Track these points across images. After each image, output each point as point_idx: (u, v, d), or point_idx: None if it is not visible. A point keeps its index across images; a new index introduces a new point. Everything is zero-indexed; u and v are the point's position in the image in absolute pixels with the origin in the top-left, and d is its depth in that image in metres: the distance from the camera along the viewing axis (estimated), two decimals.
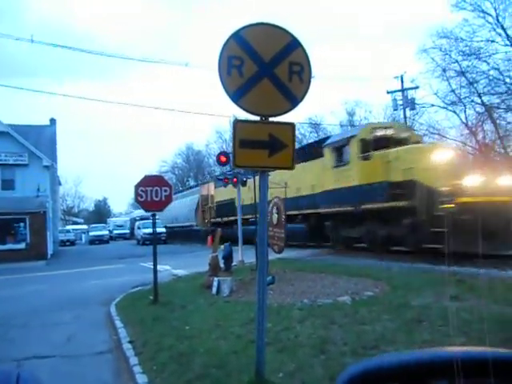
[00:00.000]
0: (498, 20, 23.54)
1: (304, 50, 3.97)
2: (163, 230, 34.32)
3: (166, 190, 8.90)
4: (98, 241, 44.57)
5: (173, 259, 18.23)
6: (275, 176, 13.93)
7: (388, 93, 29.46)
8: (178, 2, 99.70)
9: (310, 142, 31.83)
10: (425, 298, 6.83)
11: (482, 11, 23.83)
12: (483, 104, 25.03)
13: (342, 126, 42.47)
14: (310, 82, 3.99)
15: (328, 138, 18.21)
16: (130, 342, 5.89)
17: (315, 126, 43.99)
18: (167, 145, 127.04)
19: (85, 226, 57.28)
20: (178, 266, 15.58)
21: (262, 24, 3.98)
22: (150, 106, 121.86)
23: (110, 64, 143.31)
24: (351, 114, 43.51)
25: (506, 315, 5.44)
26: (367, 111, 42.11)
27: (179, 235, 36.35)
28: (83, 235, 51.53)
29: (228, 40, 3.81)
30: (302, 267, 11.66)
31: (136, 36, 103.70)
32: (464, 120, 26.84)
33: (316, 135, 45.92)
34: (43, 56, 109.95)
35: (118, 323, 7.15)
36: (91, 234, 46.99)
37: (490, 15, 23.73)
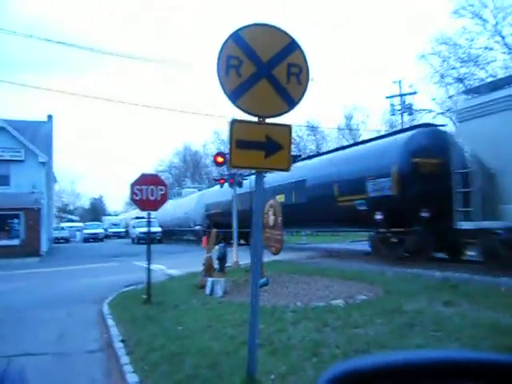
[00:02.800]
0: (496, 28, 23.67)
1: (303, 52, 3.97)
2: (158, 229, 34.23)
3: (161, 189, 8.87)
4: (93, 239, 44.40)
5: (168, 259, 18.19)
6: None
7: (386, 98, 29.59)
8: None
9: None
10: (418, 302, 6.83)
11: (481, 19, 23.97)
12: None
13: (339, 129, 42.62)
14: (307, 84, 3.99)
15: None
16: (121, 341, 5.86)
17: (313, 128, 44.05)
18: (165, 144, 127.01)
19: (80, 224, 57.06)
20: (172, 265, 15.54)
21: (262, 25, 3.97)
22: (151, 105, 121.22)
23: (104, 60, 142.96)
24: (349, 118, 43.63)
25: (498, 321, 5.45)
26: (365, 115, 42.24)
27: (178, 234, 36.55)
28: (78, 233, 51.32)
29: (227, 40, 3.80)
30: (298, 270, 11.64)
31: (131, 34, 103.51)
32: None
33: (314, 138, 46.06)
34: (31, 51, 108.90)
35: (110, 322, 7.11)
36: (86, 231, 46.81)
37: (489, 23, 23.87)
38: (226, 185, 15.52)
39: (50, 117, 34.89)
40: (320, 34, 78.90)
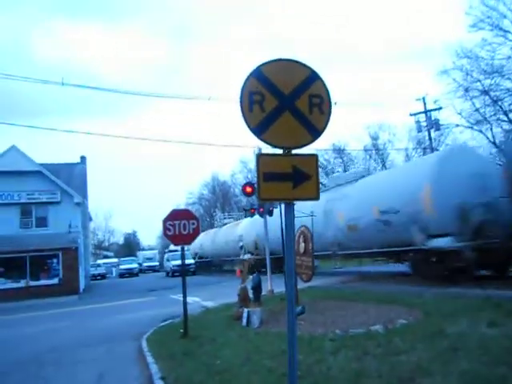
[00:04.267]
0: None
1: (323, 82, 4.05)
2: (192, 261, 34.48)
3: (193, 223, 9.01)
4: (128, 274, 45.01)
5: (202, 290, 18.24)
6: None
7: (411, 115, 29.33)
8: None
9: None
10: (460, 324, 6.61)
11: (501, 29, 23.70)
12: (510, 121, 24.57)
13: (366, 150, 42.32)
14: (330, 113, 4.05)
15: None
16: (161, 378, 5.88)
17: (339, 151, 43.94)
18: (193, 177, 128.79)
19: (115, 260, 58.06)
20: (207, 297, 15.57)
21: (281, 60, 4.09)
22: (177, 140, 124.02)
23: (123, 102, 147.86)
24: (375, 138, 43.34)
25: None
26: (391, 134, 41.88)
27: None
28: (113, 269, 52.19)
29: (248, 77, 3.92)
30: (332, 295, 11.48)
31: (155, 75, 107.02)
32: (491, 138, 26.36)
33: (341, 161, 45.89)
34: (53, 96, 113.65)
35: (150, 358, 7.15)
36: (121, 267, 47.54)
37: (510, 32, 23.55)
38: (277, 211, 15.17)
39: (83, 158, 36.23)
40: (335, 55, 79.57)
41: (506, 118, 25.00)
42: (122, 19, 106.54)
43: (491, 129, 26.17)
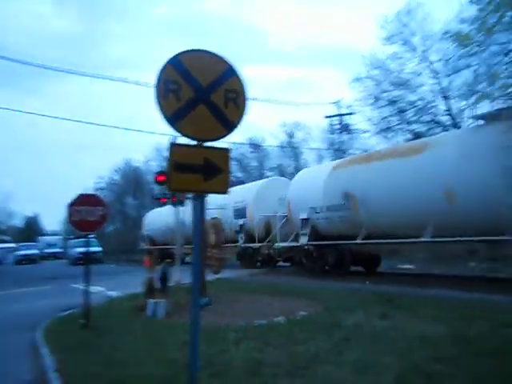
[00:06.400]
0: (424, 54, 25.33)
1: (240, 78, 4.09)
2: (98, 249, 33.03)
3: (101, 210, 8.64)
4: (26, 260, 42.00)
5: (108, 280, 17.58)
6: None
7: (326, 117, 30.68)
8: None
9: None
10: (356, 317, 7.08)
11: (411, 46, 25.55)
12: (411, 131, 26.67)
13: (281, 147, 43.44)
14: (245, 108, 4.10)
15: None
16: (55, 370, 5.59)
17: (256, 146, 44.62)
18: (104, 160, 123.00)
19: (13, 245, 53.78)
20: (113, 287, 15.04)
21: (201, 51, 4.07)
22: (91, 122, 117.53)
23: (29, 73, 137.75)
24: (291, 136, 44.62)
25: (427, 332, 5.77)
26: (306, 133, 43.36)
27: None
28: (10, 254, 48.32)
29: (166, 64, 3.85)
30: (240, 288, 11.68)
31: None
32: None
33: (256, 155, 46.67)
34: None
35: (45, 350, 6.76)
36: (19, 253, 44.22)
37: (418, 50, 25.48)
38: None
39: None
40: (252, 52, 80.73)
41: (408, 128, 27.09)
42: None
43: (396, 137, 28.24)
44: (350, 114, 29.73)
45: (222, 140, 4.14)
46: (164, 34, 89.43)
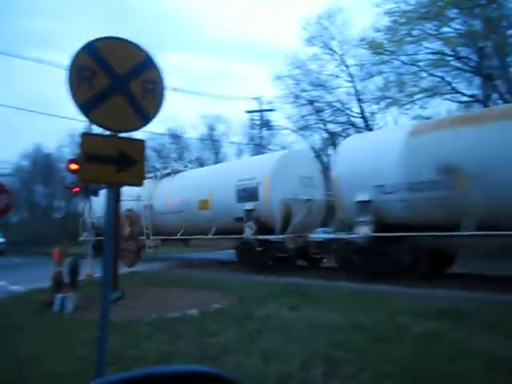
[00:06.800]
0: (342, 58, 26.61)
1: (158, 69, 4.06)
2: (1, 239, 30.64)
3: (4, 198, 8.08)
4: None
5: (12, 274, 16.42)
6: None
7: (247, 112, 31.08)
8: None
9: None
10: (268, 308, 7.34)
11: (330, 49, 26.71)
12: (327, 131, 27.94)
13: (202, 139, 43.26)
14: (163, 100, 4.08)
15: None
16: None
17: (176, 137, 44.00)
18: (11, 144, 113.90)
19: None
20: (16, 281, 14.07)
21: (118, 38, 3.97)
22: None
23: None
24: (212, 129, 44.58)
25: (330, 321, 6.17)
26: (227, 127, 43.56)
27: None
28: None
29: (79, 50, 3.71)
30: (155, 281, 11.52)
31: None
32: (312, 143, 29.61)
33: (176, 146, 46.04)
34: None
35: None
36: None
37: (337, 53, 26.73)
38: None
39: None
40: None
41: (325, 128, 28.34)
42: None
43: (312, 135, 29.42)
44: (271, 110, 30.44)
45: (139, 130, 4.09)
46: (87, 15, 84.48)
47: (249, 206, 15.05)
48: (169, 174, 20.61)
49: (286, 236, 13.90)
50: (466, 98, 21.63)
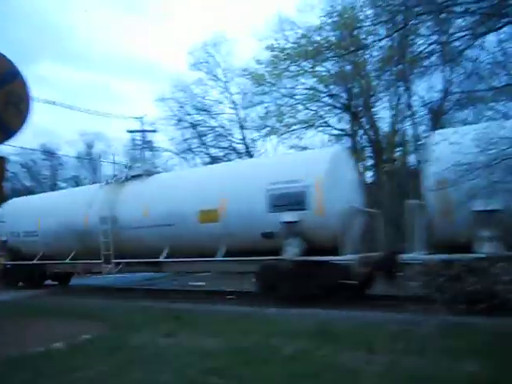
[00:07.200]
0: (226, 85, 27.42)
1: (24, 82, 3.79)
2: None
3: None
4: None
5: None
6: None
7: (128, 131, 30.26)
8: None
9: None
10: (142, 336, 7.03)
11: (215, 75, 27.39)
12: (209, 155, 28.35)
13: (78, 158, 40.88)
14: (28, 114, 3.80)
15: None
16: None
17: (50, 154, 40.92)
18: None
19: None
20: None
21: None
22: None
23: None
24: (90, 147, 42.41)
25: (206, 346, 6.13)
26: (107, 146, 41.75)
27: None
28: None
29: None
30: (19, 312, 10.40)
31: None
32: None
33: (50, 163, 42.79)
34: None
35: None
36: None
37: (221, 80, 27.48)
38: None
39: None
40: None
41: (207, 152, 28.72)
42: None
43: (195, 159, 29.57)
44: (153, 131, 30.03)
45: (1, 144, 3.73)
46: None
47: (291, 217, 10.93)
48: (139, 176, 15.37)
49: (355, 257, 10.24)
50: (336, 132, 23.73)
